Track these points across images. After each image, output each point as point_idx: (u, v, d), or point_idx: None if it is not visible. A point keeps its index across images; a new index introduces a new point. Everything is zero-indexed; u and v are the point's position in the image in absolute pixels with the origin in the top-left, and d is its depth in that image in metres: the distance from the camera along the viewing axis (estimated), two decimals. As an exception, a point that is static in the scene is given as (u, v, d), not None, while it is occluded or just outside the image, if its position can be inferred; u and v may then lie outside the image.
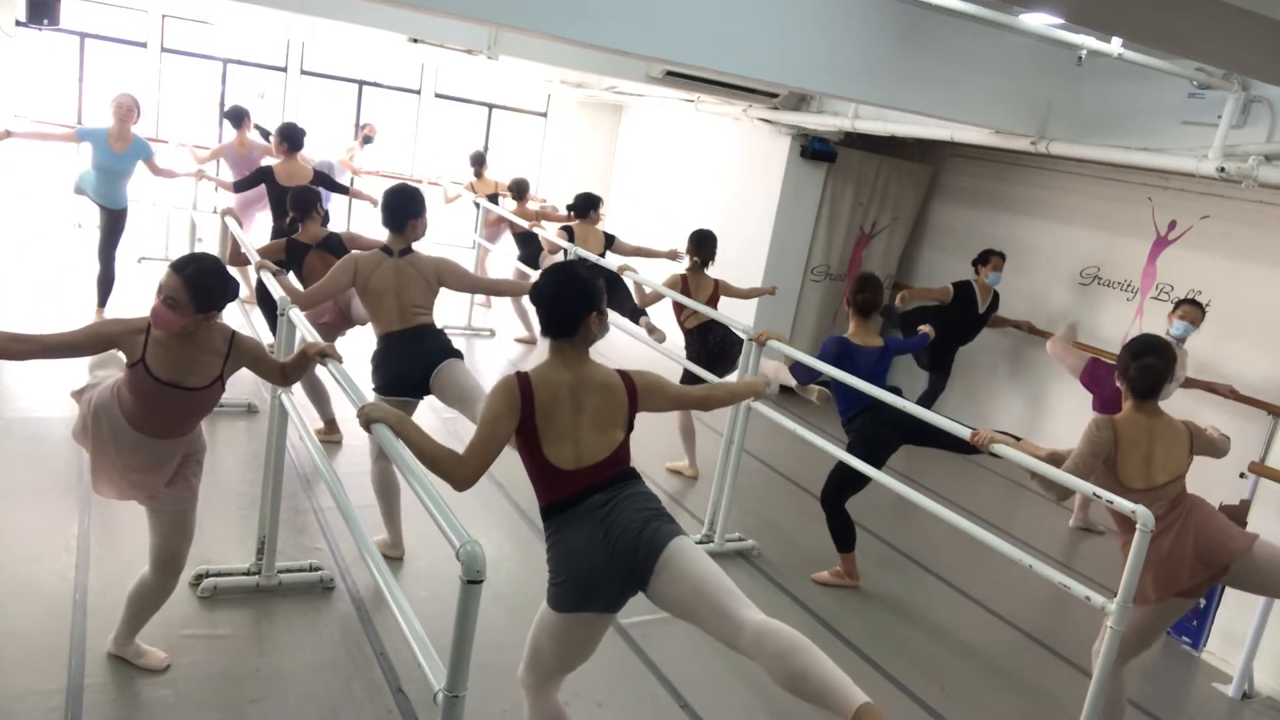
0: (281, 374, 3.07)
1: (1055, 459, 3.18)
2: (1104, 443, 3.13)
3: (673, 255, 6.65)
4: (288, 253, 4.95)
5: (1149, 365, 3.18)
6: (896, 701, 3.63)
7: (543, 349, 2.55)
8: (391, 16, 5.86)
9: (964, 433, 3.42)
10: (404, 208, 3.87)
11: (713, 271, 5.60)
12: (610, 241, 6.68)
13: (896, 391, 4.01)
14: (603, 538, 2.35)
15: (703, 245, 5.52)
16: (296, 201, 5.05)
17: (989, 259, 6.49)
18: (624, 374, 2.52)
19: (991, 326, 6.93)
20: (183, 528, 2.94)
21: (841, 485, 4.40)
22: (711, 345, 5.39)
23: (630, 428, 2.50)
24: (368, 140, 8.99)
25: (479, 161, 8.98)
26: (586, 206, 6.75)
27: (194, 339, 2.70)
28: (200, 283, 2.62)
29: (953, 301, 6.48)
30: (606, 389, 2.45)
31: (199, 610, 3.42)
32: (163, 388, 2.66)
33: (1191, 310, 5.28)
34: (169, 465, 2.86)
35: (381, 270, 3.82)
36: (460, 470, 2.30)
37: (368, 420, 2.36)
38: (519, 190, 8.31)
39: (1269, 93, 4.62)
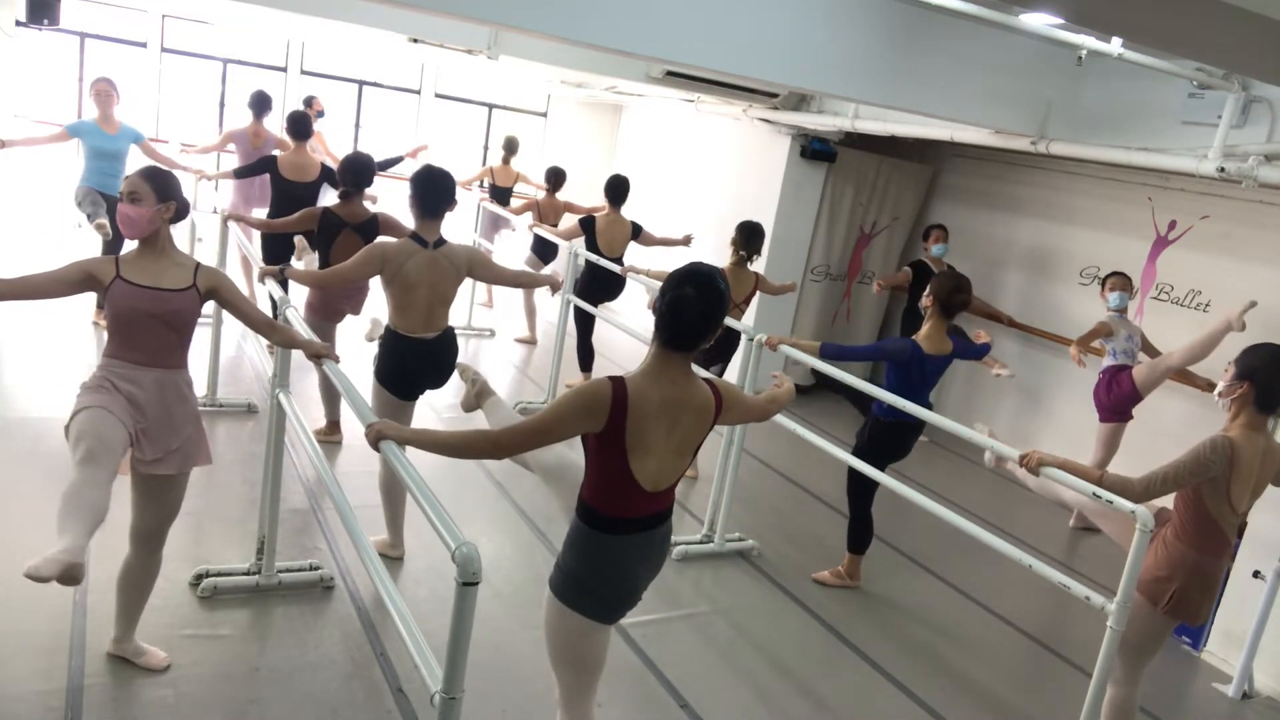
0: (267, 328, 3.08)
1: (1112, 482, 2.94)
2: (1217, 465, 2.88)
3: (686, 241, 6.72)
4: (321, 224, 4.77)
5: None
6: (897, 701, 3.64)
7: (542, 350, 2.53)
8: (391, 16, 5.86)
9: (1012, 454, 3.25)
10: (444, 192, 3.72)
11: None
12: (637, 232, 6.51)
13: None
14: (644, 572, 2.37)
15: (752, 239, 5.30)
16: (351, 172, 4.80)
17: (929, 234, 6.74)
18: (714, 389, 2.34)
19: (975, 314, 7.01)
20: (170, 502, 2.92)
21: (865, 484, 4.33)
22: (720, 346, 5.33)
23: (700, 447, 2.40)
24: (319, 115, 8.43)
25: (510, 148, 8.67)
26: (621, 193, 6.42)
27: (162, 252, 2.86)
28: (154, 175, 2.85)
29: (914, 281, 6.66)
30: (701, 411, 2.29)
31: (199, 610, 3.42)
32: (141, 290, 2.77)
33: (1121, 280, 5.61)
34: (175, 416, 2.82)
35: (414, 262, 3.65)
36: (493, 449, 2.24)
37: (377, 438, 2.31)
38: (556, 179, 7.94)
39: (1269, 93, 4.62)
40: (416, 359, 3.76)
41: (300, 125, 6.24)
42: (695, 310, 2.18)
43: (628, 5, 4.08)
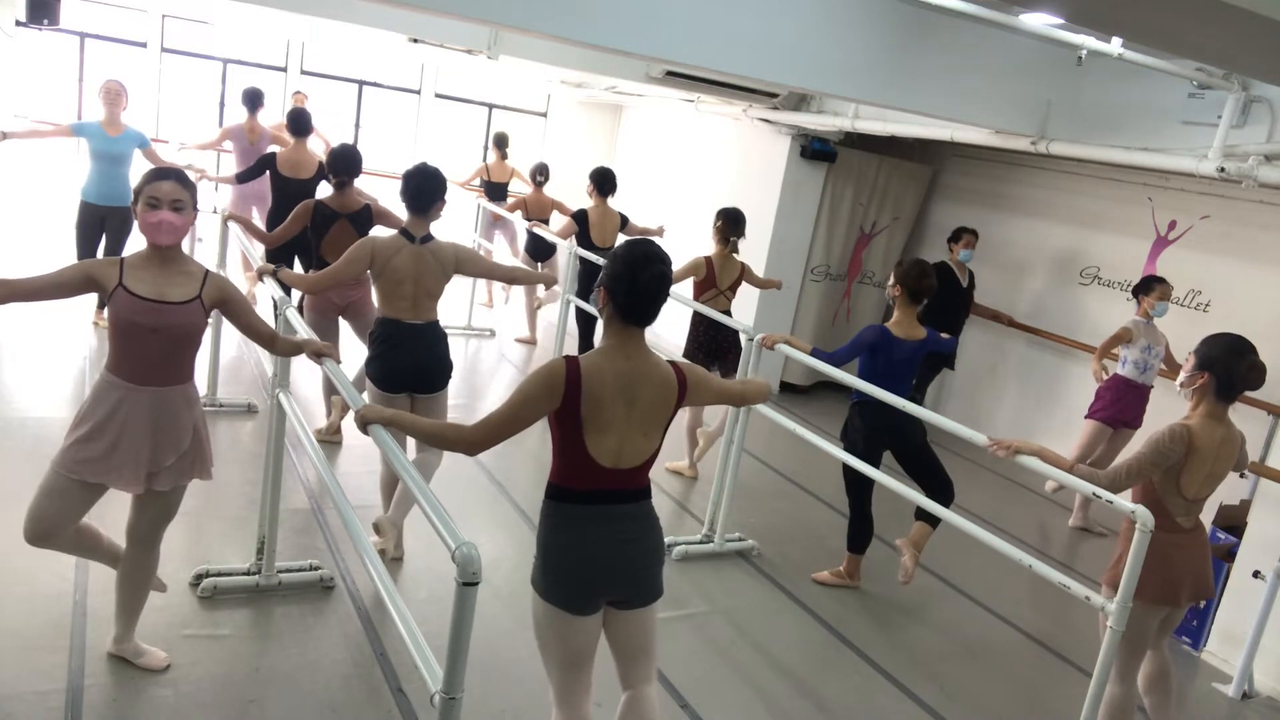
0: (270, 340, 3.08)
1: (1083, 473, 3.03)
2: (1174, 455, 2.94)
3: (660, 232, 6.81)
4: (314, 217, 4.83)
5: (1259, 365, 2.95)
6: (897, 701, 3.64)
7: (543, 350, 2.54)
8: (391, 16, 5.86)
9: (981, 439, 3.31)
10: (431, 189, 3.81)
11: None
12: (624, 222, 6.63)
13: (917, 394, 3.98)
14: (613, 555, 2.32)
15: (738, 225, 5.30)
16: (341, 162, 4.83)
17: (960, 236, 6.66)
18: (677, 367, 2.39)
19: (977, 314, 7.01)
20: (166, 507, 2.93)
21: (858, 477, 4.32)
22: (721, 341, 5.35)
23: (668, 428, 2.40)
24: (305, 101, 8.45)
25: (501, 144, 8.64)
26: (609, 184, 6.53)
27: (172, 261, 2.78)
28: (189, 181, 2.81)
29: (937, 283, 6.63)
30: (661, 385, 2.32)
31: (199, 610, 3.42)
32: (146, 304, 2.70)
33: (1168, 289, 5.44)
34: (169, 435, 2.80)
35: (401, 256, 3.76)
36: (466, 446, 2.31)
37: (363, 423, 2.41)
38: (542, 174, 7.92)
39: (1269, 93, 4.62)
40: (402, 340, 3.82)
41: (300, 123, 6.26)
42: (640, 280, 2.25)
43: (628, 5, 4.08)
